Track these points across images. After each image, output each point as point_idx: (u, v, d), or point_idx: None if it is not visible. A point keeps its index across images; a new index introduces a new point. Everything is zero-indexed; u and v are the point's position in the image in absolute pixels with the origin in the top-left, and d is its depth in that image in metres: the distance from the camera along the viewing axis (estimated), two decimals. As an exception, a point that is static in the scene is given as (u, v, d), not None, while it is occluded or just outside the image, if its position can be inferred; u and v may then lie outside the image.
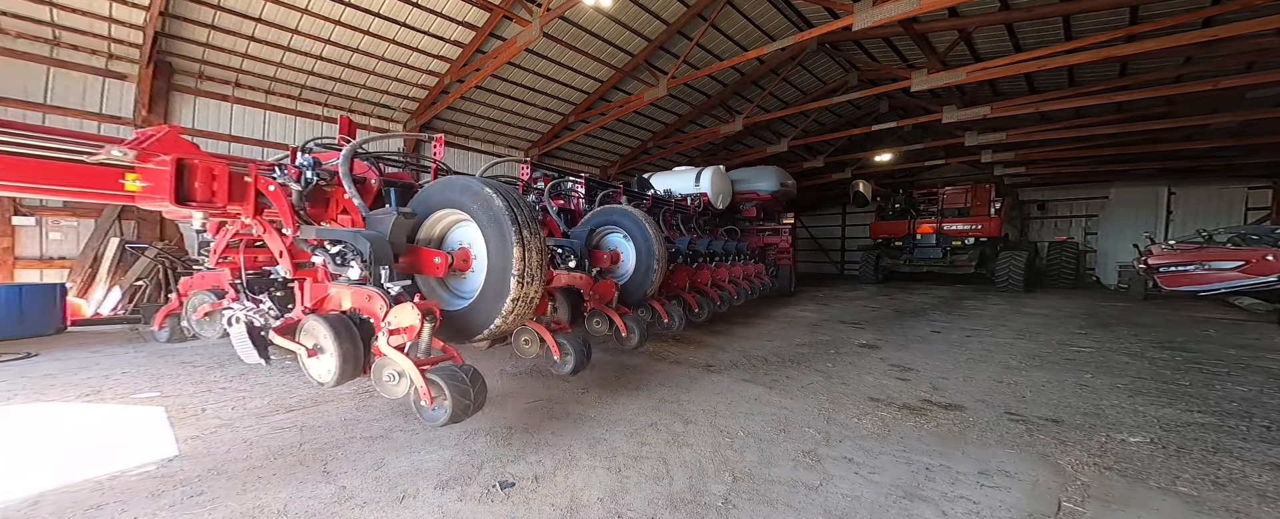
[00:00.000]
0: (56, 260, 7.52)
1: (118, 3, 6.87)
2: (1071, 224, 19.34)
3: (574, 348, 3.78)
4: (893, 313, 9.14)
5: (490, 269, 2.91)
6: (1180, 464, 2.76)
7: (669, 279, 6.29)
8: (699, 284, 6.77)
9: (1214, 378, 4.56)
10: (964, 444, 3.01)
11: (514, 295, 2.78)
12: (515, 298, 2.78)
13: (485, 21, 8.96)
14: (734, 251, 8.57)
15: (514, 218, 2.83)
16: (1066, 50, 8.49)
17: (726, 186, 10.31)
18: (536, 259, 2.86)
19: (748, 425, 3.28)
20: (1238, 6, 7.61)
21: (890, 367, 4.93)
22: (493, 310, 2.87)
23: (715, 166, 10.04)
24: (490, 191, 2.89)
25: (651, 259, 5.22)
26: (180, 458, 2.74)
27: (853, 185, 15.89)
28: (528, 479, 2.52)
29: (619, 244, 5.71)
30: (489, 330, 2.90)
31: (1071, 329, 7.30)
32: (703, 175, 9.70)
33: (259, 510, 2.21)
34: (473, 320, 2.98)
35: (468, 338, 3.03)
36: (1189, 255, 9.15)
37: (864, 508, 2.27)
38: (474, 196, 2.97)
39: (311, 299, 3.07)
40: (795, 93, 14.44)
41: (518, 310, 2.84)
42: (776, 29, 11.32)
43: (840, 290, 13.95)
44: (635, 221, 5.34)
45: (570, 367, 3.79)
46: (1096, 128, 12.38)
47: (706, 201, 9.49)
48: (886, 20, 7.38)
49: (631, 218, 5.37)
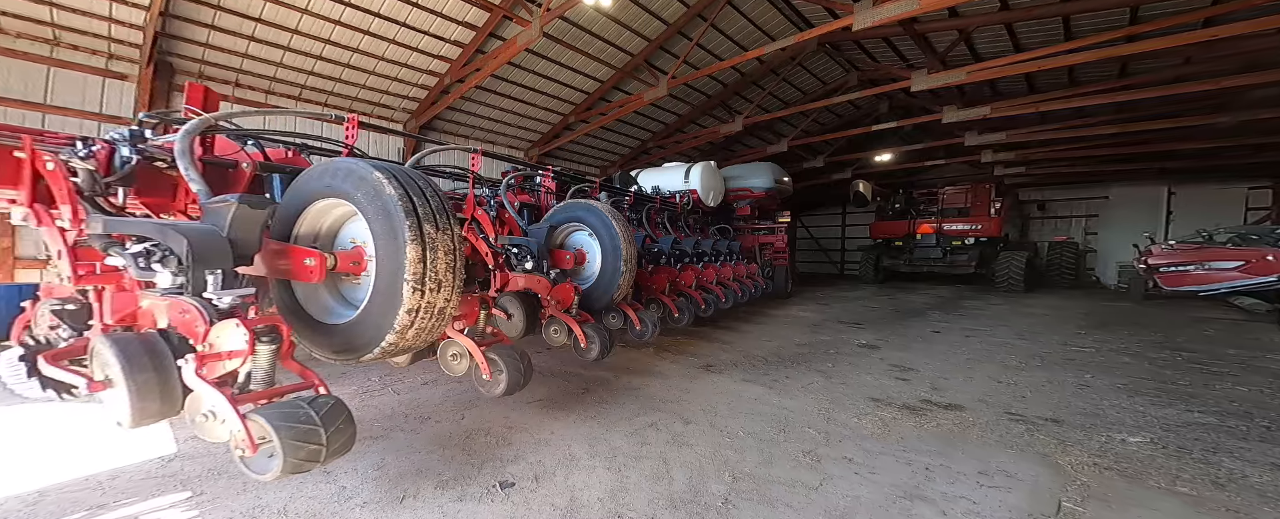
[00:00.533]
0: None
1: (118, 3, 6.87)
2: (1071, 224, 19.32)
3: (508, 364, 3.11)
4: (893, 313, 9.14)
5: (378, 273, 2.31)
6: (1180, 464, 2.76)
7: (648, 281, 6.04)
8: (682, 286, 6.44)
9: (1214, 378, 4.56)
10: (964, 444, 3.01)
11: (410, 306, 2.21)
12: (412, 308, 2.22)
13: (485, 21, 8.96)
14: (724, 251, 8.30)
15: (410, 209, 2.24)
16: (1066, 50, 8.48)
17: (718, 183, 9.98)
18: (444, 261, 2.31)
19: (748, 425, 3.28)
20: (1238, 6, 7.61)
21: (890, 367, 4.93)
22: (383, 324, 2.26)
23: (706, 163, 9.70)
24: (380, 176, 2.28)
25: (619, 260, 4.67)
26: (180, 457, 2.74)
27: (853, 185, 15.90)
28: (528, 479, 2.52)
29: (584, 243, 5.12)
30: (381, 349, 2.29)
31: (1071, 329, 7.30)
32: (692, 171, 9.40)
33: (259, 510, 2.21)
34: (357, 336, 2.37)
35: (356, 357, 2.42)
36: (1189, 255, 9.14)
37: (864, 508, 2.27)
38: (358, 182, 2.34)
39: (114, 313, 2.31)
40: (795, 93, 14.43)
41: (420, 324, 2.29)
42: (776, 29, 11.31)
43: (840, 290, 13.95)
44: (600, 218, 4.79)
45: (501, 387, 3.09)
46: (1096, 128, 12.37)
47: (696, 199, 9.18)
48: (886, 20, 7.37)
49: (596, 214, 4.83)
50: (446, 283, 2.35)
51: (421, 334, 2.37)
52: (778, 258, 11.59)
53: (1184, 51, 9.70)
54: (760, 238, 11.62)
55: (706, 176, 9.51)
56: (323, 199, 2.55)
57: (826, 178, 18.63)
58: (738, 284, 7.92)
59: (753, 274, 8.83)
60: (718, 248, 8.23)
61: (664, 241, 6.61)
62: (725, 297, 7.15)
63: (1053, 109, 11.81)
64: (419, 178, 2.47)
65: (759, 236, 11.62)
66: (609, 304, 4.92)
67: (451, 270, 2.37)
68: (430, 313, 2.33)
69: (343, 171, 2.44)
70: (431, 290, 2.28)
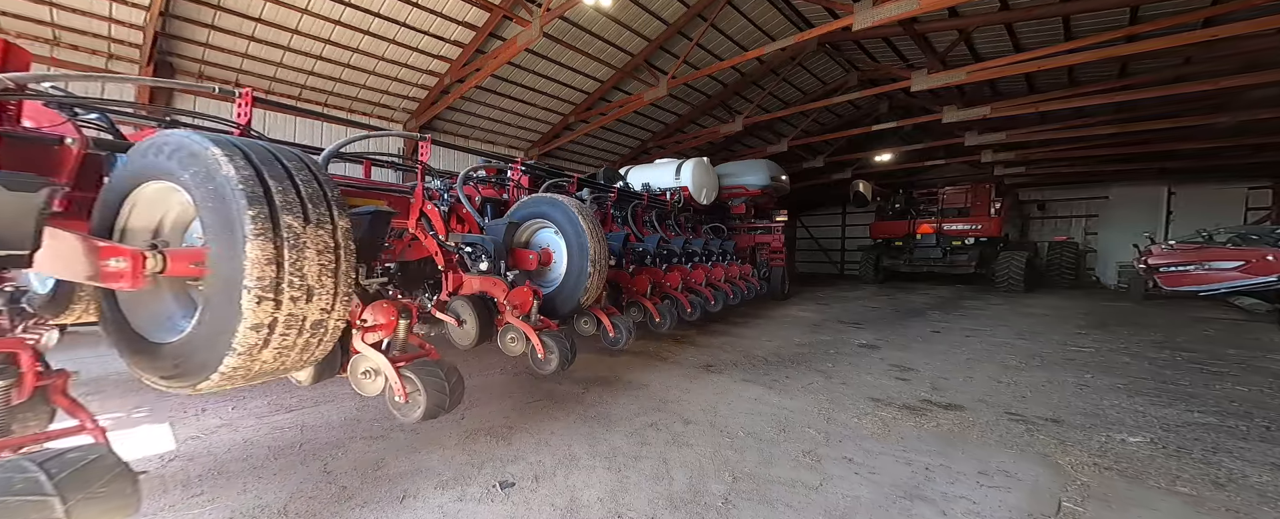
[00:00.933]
0: (56, 260, 7.50)
1: (118, 3, 6.87)
2: (1071, 224, 19.33)
3: (427, 383, 2.59)
4: (893, 313, 9.14)
5: (212, 278, 1.78)
6: (1180, 464, 2.76)
7: (630, 283, 5.79)
8: (667, 288, 6.14)
9: (1214, 378, 4.56)
10: (964, 444, 3.01)
11: (257, 320, 1.69)
12: (260, 323, 1.71)
13: (485, 22, 8.96)
14: (716, 251, 8.07)
15: (257, 195, 1.72)
16: (1066, 50, 8.49)
17: (711, 180, 9.72)
18: (317, 262, 1.82)
19: (748, 425, 3.28)
20: (1238, 6, 7.61)
21: (890, 367, 4.94)
22: (218, 344, 1.74)
23: (698, 159, 9.44)
24: (217, 152, 1.76)
25: (585, 260, 4.14)
26: (181, 457, 2.74)
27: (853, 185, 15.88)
28: (528, 479, 2.52)
29: (550, 241, 4.58)
30: (220, 374, 1.77)
31: (1071, 329, 7.30)
32: (684, 168, 9.12)
33: (259, 510, 2.21)
34: (187, 359, 1.84)
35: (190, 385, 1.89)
36: (1189, 255, 9.14)
37: (864, 508, 2.27)
38: (187, 159, 1.81)
39: None
40: (795, 93, 14.44)
41: (281, 342, 1.80)
42: (776, 29, 11.32)
43: (840, 290, 13.95)
44: (566, 214, 4.25)
45: (419, 411, 2.59)
46: (1096, 128, 12.37)
47: (687, 196, 8.91)
48: (886, 20, 7.37)
49: (562, 209, 4.30)
50: (322, 289, 1.86)
51: (288, 354, 1.88)
52: (774, 258, 11.26)
53: (1184, 51, 9.71)
54: (757, 237, 11.34)
55: (699, 173, 9.26)
56: (153, 182, 1.99)
57: (826, 178, 18.64)
58: (729, 286, 7.67)
59: (746, 275, 8.54)
60: (710, 247, 8.02)
61: (649, 241, 6.34)
62: (714, 299, 6.86)
63: (1053, 109, 11.82)
64: (287, 157, 1.95)
65: (755, 236, 11.34)
66: (578, 308, 4.43)
67: (331, 274, 1.88)
68: (297, 327, 1.82)
69: (170, 146, 1.88)
70: (295, 300, 1.78)
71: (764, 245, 11.36)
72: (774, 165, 11.52)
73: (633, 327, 5.06)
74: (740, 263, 8.71)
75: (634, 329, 5.07)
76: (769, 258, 11.20)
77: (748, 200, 11.18)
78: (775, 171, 11.31)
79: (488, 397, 3.83)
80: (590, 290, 4.21)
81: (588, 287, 4.17)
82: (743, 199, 11.10)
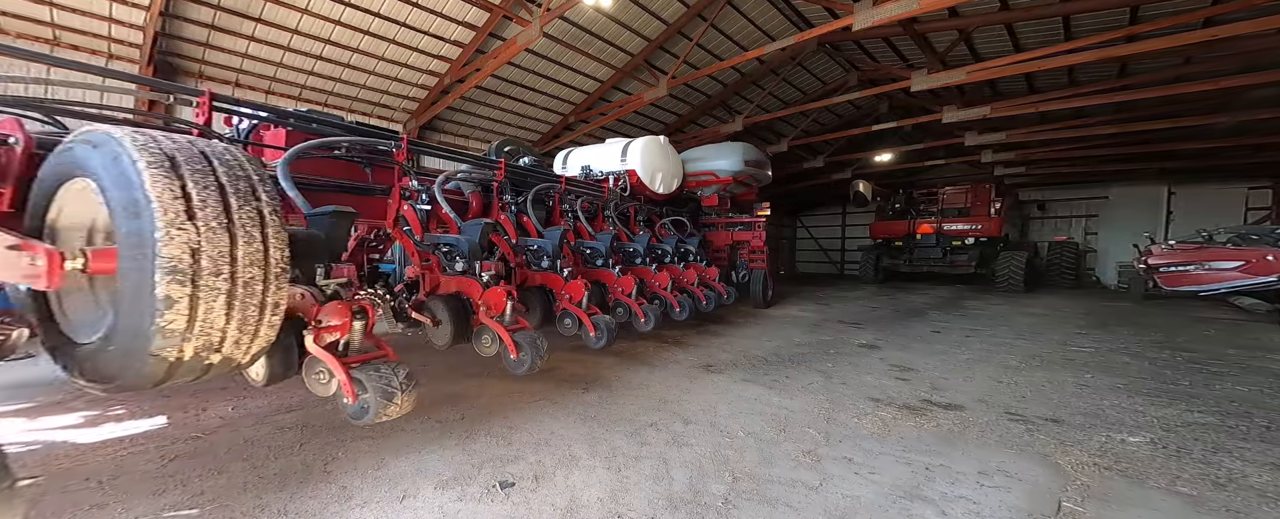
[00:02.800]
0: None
1: (118, 3, 6.87)
2: (1071, 224, 19.33)
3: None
4: (893, 313, 9.14)
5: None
6: (1180, 464, 2.76)
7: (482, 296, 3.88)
8: (566, 302, 4.85)
9: (1214, 378, 4.56)
10: (964, 444, 3.01)
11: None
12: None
13: (485, 21, 8.96)
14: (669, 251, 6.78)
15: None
16: (1066, 50, 8.49)
17: (670, 165, 8.24)
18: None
19: (747, 425, 3.28)
20: (1238, 6, 7.61)
21: (890, 367, 4.94)
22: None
23: (652, 138, 7.98)
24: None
25: (150, 265, 1.61)
26: (181, 457, 2.74)
27: (853, 185, 15.89)
28: (528, 479, 2.52)
29: (98, 224, 2.11)
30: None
31: (1071, 329, 7.30)
32: (631, 148, 7.65)
33: (260, 510, 2.21)
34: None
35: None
36: (1189, 255, 9.14)
37: (864, 508, 2.27)
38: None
39: None
40: (795, 93, 14.44)
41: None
42: (776, 29, 11.31)
43: (840, 290, 13.95)
44: (119, 168, 1.70)
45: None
46: (1096, 128, 12.38)
47: (636, 183, 7.51)
48: (886, 20, 7.37)
49: (111, 157, 1.76)
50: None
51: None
52: (754, 259, 9.65)
53: (1184, 51, 9.70)
54: (735, 235, 9.71)
55: (651, 155, 7.71)
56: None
57: (826, 178, 18.65)
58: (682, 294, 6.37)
59: (710, 280, 7.29)
60: (661, 247, 6.76)
61: (551, 235, 4.99)
62: (645, 316, 5.41)
63: (1053, 109, 11.82)
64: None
65: (734, 233, 9.73)
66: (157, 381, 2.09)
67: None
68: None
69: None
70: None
71: (742, 244, 9.74)
72: (752, 149, 9.85)
73: (406, 378, 4.44)
74: (706, 264, 7.56)
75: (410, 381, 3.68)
76: (748, 258, 9.69)
77: (721, 191, 9.58)
78: (752, 155, 9.65)
79: (487, 397, 3.83)
80: (171, 324, 1.65)
81: (168, 317, 1.64)
82: (714, 189, 9.49)
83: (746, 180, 9.60)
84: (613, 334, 4.82)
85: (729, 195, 9.94)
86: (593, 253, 5.76)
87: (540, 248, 4.97)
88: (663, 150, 8.07)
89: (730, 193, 9.89)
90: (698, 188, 9.41)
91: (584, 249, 5.80)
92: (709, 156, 9.49)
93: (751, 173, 9.49)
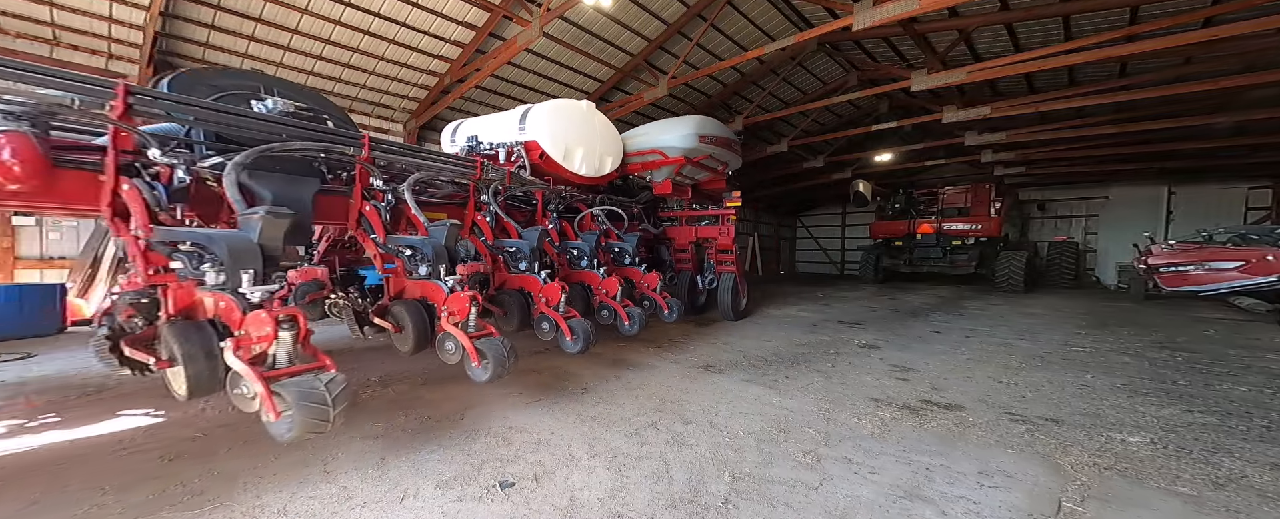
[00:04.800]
0: (56, 260, 7.52)
1: (118, 2, 6.87)
2: (1071, 224, 19.35)
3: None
4: (893, 313, 9.14)
5: None
6: (1180, 464, 2.76)
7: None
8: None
9: (1214, 378, 4.56)
10: (964, 444, 3.01)
11: None
12: None
13: (485, 21, 8.97)
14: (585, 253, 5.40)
15: None
16: (1066, 50, 8.49)
17: (600, 140, 6.31)
18: None
19: (748, 425, 3.28)
20: (1238, 7, 7.62)
21: (890, 367, 4.94)
22: None
23: (564, 100, 6.16)
24: None
25: None
26: (181, 457, 2.74)
27: (853, 185, 15.91)
28: (528, 479, 2.52)
29: None
30: None
31: (1071, 329, 7.30)
32: (534, 113, 5.71)
33: (259, 510, 2.21)
34: None
35: None
36: (1189, 255, 9.14)
37: (864, 508, 2.27)
38: None
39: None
40: (795, 93, 14.44)
41: None
42: (776, 29, 11.32)
43: (840, 290, 13.95)
44: None
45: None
46: (1096, 128, 12.39)
47: (541, 160, 5.66)
48: (886, 20, 7.38)
49: None
50: None
51: None
52: (722, 261, 7.92)
53: (1184, 51, 9.71)
54: (700, 230, 7.91)
55: (565, 123, 5.84)
56: None
57: (826, 178, 18.66)
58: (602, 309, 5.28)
59: (648, 289, 5.84)
60: (580, 246, 5.44)
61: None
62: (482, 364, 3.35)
63: (1053, 109, 11.82)
64: None
65: (699, 229, 7.93)
66: None
67: None
68: None
69: None
70: None
71: (708, 243, 7.96)
72: (711, 122, 7.78)
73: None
74: (644, 267, 6.01)
75: None
76: (716, 260, 7.96)
77: (676, 176, 7.70)
78: (711, 130, 7.56)
79: (487, 397, 3.83)
80: None
81: None
82: (667, 173, 7.50)
83: (705, 162, 7.72)
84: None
85: (689, 183, 8.17)
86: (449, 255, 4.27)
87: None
88: (585, 119, 6.07)
89: (689, 179, 8.09)
90: (644, 171, 7.49)
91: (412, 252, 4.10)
92: (654, 132, 7.56)
93: (710, 152, 7.59)
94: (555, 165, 5.78)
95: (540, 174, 5.75)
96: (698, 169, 7.90)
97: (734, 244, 7.78)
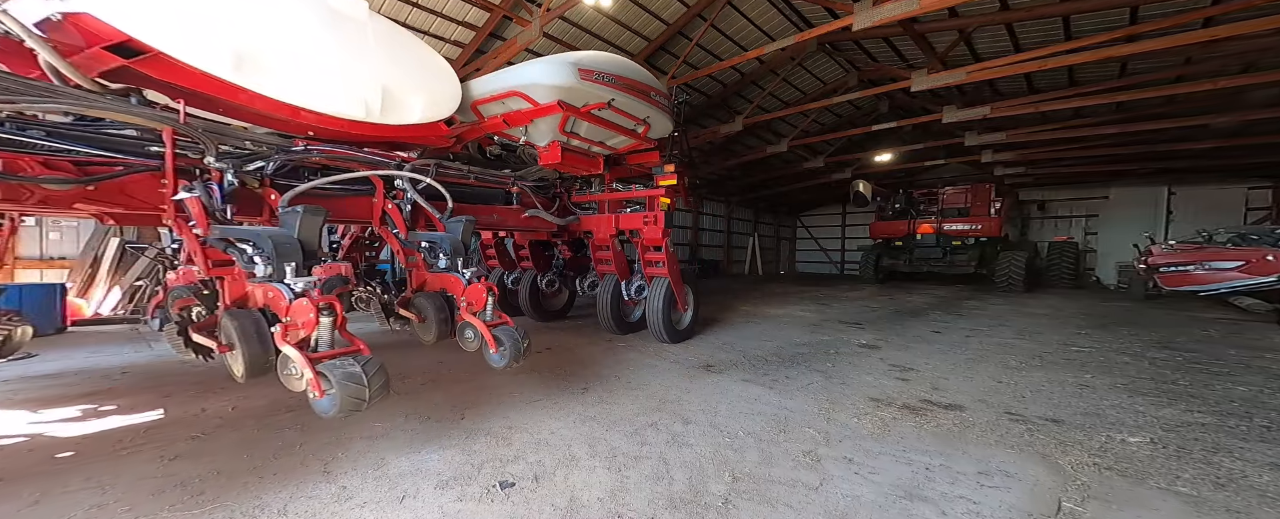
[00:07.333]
0: (56, 260, 7.52)
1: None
2: (1071, 224, 19.37)
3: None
4: (893, 313, 9.14)
5: None
6: (1180, 464, 2.76)
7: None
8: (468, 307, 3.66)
9: (1214, 378, 4.56)
10: (964, 444, 3.01)
11: None
12: None
13: (485, 22, 8.97)
14: None
15: None
16: (1066, 50, 8.50)
17: (374, 58, 3.54)
18: None
19: (747, 425, 3.28)
20: (1238, 6, 7.62)
21: (890, 367, 4.94)
22: None
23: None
24: None
25: None
26: (181, 457, 2.74)
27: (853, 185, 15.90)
28: (528, 479, 2.52)
29: None
30: None
31: (1071, 329, 7.30)
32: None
33: (259, 510, 2.21)
34: None
35: None
36: (1189, 255, 9.15)
37: (864, 508, 2.27)
38: None
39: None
40: (795, 93, 14.45)
41: None
42: (776, 29, 11.32)
43: (840, 290, 13.95)
44: None
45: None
46: (1096, 128, 12.40)
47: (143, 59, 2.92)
48: (886, 20, 7.38)
49: None
50: None
51: None
52: (651, 262, 5.89)
53: (1184, 52, 9.71)
54: (622, 219, 5.94)
55: None
56: None
57: (826, 178, 18.67)
58: None
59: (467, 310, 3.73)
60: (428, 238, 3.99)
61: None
62: None
63: (1053, 109, 11.83)
64: None
65: (621, 217, 5.96)
66: None
67: None
68: None
69: None
70: None
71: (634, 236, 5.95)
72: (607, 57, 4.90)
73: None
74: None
75: None
76: (647, 262, 5.92)
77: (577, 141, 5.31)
78: (604, 66, 4.79)
79: (487, 397, 3.83)
80: None
81: None
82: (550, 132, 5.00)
83: (607, 115, 5.12)
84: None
85: (600, 151, 5.66)
86: None
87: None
88: (336, 14, 3.38)
89: (599, 144, 5.52)
90: (514, 128, 4.99)
91: None
92: (516, 69, 4.77)
93: (609, 97, 4.89)
94: (228, 86, 2.93)
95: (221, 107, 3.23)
96: (602, 129, 5.25)
97: (667, 238, 5.73)
